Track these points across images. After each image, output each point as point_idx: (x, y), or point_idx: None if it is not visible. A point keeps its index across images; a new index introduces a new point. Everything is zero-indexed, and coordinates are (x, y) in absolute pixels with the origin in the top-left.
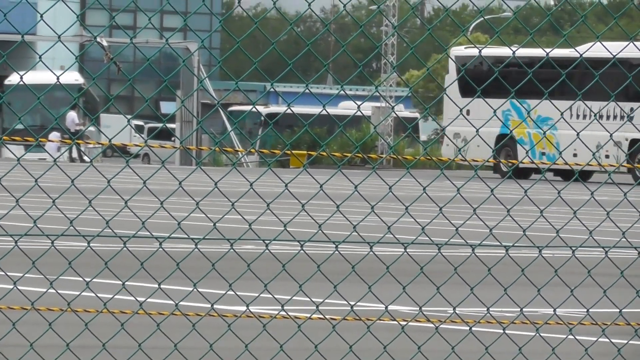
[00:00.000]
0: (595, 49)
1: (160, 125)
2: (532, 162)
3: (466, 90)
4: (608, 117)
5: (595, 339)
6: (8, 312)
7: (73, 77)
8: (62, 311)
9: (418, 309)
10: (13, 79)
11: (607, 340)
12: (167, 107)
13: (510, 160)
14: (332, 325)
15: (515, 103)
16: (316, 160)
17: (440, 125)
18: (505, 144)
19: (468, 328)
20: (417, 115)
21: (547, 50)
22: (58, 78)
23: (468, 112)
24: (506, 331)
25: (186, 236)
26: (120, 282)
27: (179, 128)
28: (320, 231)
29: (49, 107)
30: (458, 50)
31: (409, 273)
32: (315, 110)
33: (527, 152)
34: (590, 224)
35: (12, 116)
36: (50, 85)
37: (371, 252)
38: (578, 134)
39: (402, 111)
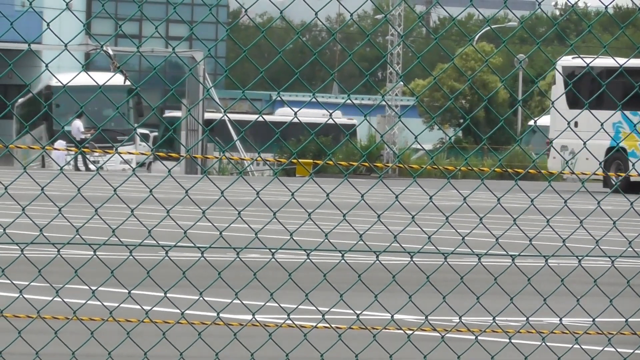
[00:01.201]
0: None
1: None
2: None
3: (574, 101)
4: None
5: (601, 348)
6: (14, 320)
7: (119, 79)
8: (67, 320)
9: (424, 318)
10: (55, 82)
11: (613, 349)
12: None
13: (619, 174)
14: (338, 334)
15: (627, 114)
16: (322, 169)
17: (547, 137)
18: (616, 157)
19: (474, 337)
20: (355, 122)
21: None
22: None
23: (576, 124)
24: (512, 340)
25: (192, 245)
26: (126, 291)
27: (185, 137)
28: (326, 240)
29: (98, 108)
30: (565, 61)
31: (415, 282)
32: (272, 118)
33: (632, 165)
34: (596, 233)
35: (60, 119)
36: (98, 87)
37: (377, 261)
38: None
39: (340, 117)
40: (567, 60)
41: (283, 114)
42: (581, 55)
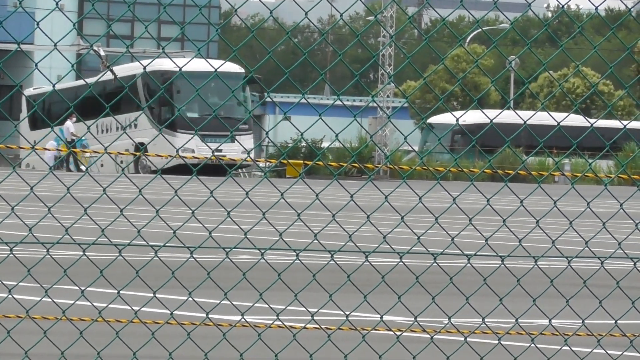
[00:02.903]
0: None
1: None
2: None
3: None
4: None
5: (590, 349)
6: (3, 320)
7: (234, 67)
8: (57, 320)
9: (413, 319)
10: (173, 66)
11: (602, 351)
12: None
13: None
14: (327, 335)
15: None
16: (313, 170)
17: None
18: None
19: (463, 338)
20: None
21: None
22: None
23: None
24: (501, 341)
25: (182, 245)
26: (115, 291)
27: None
28: (315, 241)
29: (213, 96)
30: None
31: (405, 283)
32: None
33: None
34: (586, 234)
35: (180, 105)
36: (212, 74)
37: (367, 262)
38: None
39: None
40: None
41: None
42: None
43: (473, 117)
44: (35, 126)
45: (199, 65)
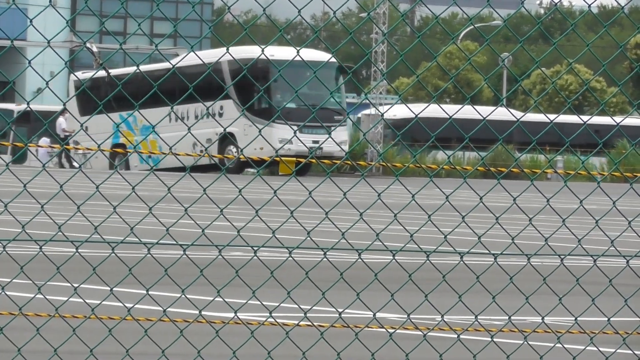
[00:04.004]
0: None
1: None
2: None
3: None
4: None
5: (583, 347)
6: None
7: (327, 56)
8: (50, 317)
9: (406, 316)
10: (255, 52)
11: (595, 348)
12: None
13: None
14: (320, 333)
15: None
16: (306, 168)
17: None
18: None
19: (456, 336)
20: None
21: None
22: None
23: None
24: (494, 339)
25: (174, 242)
26: (108, 288)
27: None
28: (308, 238)
29: (308, 87)
30: None
31: (398, 280)
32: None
33: None
34: (579, 232)
35: (279, 95)
36: (307, 63)
37: (360, 259)
38: None
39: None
40: None
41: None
42: None
43: (403, 111)
44: (85, 111)
45: (291, 54)
